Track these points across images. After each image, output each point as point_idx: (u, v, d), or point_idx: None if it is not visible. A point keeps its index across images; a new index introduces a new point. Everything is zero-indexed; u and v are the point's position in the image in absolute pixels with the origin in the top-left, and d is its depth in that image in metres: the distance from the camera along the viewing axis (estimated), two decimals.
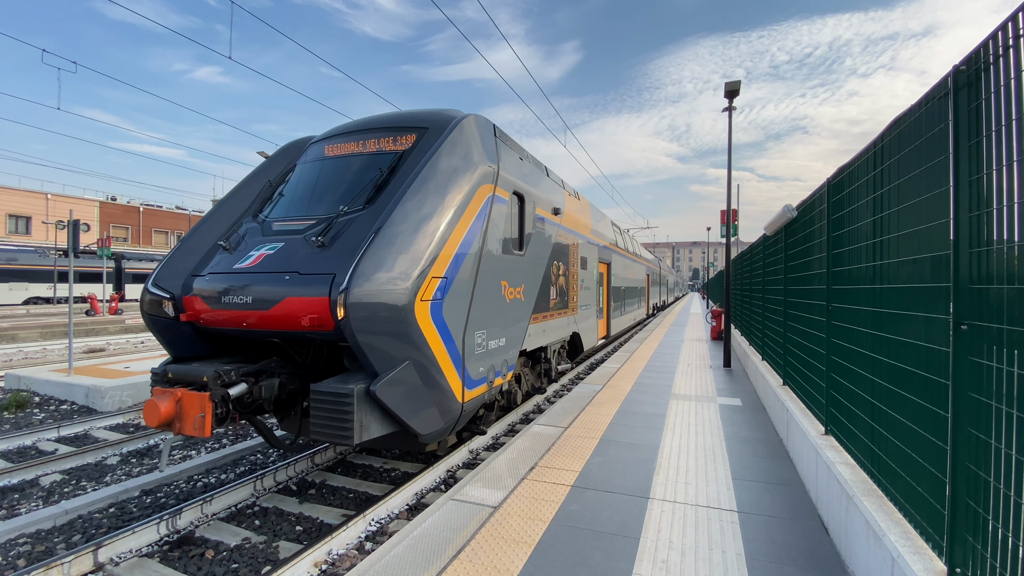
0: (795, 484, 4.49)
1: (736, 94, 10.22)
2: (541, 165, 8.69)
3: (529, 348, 7.68)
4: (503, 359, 6.54)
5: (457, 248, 5.15)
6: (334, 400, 4.28)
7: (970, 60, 2.16)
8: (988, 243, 1.98)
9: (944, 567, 2.23)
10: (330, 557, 4.22)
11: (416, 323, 4.57)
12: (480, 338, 5.79)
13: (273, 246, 5.20)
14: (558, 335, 9.43)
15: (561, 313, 9.49)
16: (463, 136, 5.73)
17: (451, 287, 5.06)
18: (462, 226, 5.26)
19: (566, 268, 9.81)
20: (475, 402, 5.73)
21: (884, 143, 3.07)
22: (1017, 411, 1.78)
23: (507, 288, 6.61)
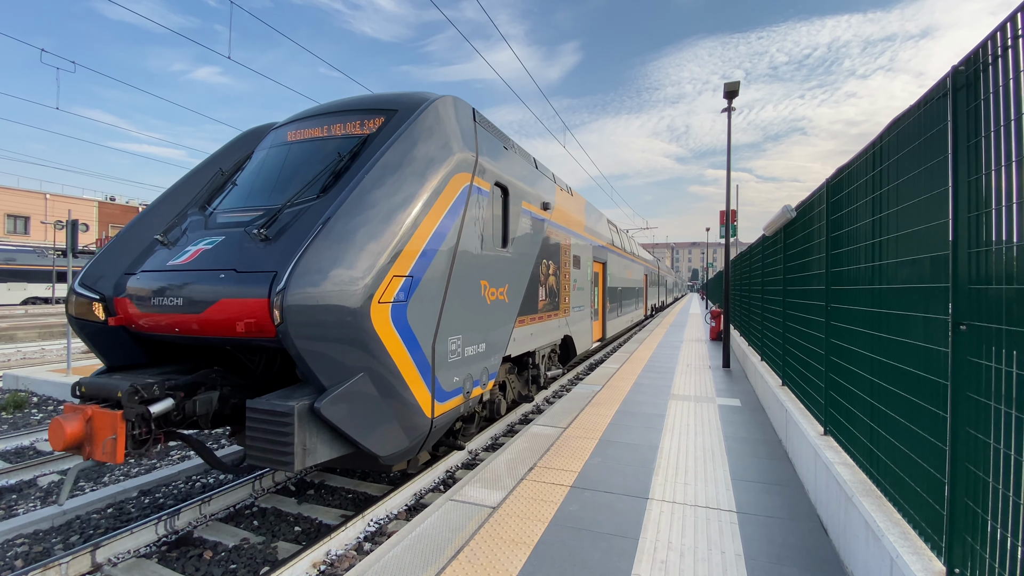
0: (794, 484, 4.49)
1: (735, 95, 10.23)
2: (529, 156, 8.18)
3: (514, 354, 7.19)
4: (482, 367, 6.03)
5: (426, 243, 4.61)
6: (271, 419, 3.70)
7: (969, 61, 2.16)
8: (987, 243, 1.99)
9: (943, 567, 2.23)
10: (329, 558, 4.22)
11: (372, 328, 4.03)
12: (454, 344, 5.25)
13: (212, 240, 4.58)
14: (548, 339, 8.95)
15: (551, 315, 9.02)
16: (435, 118, 5.16)
17: (418, 287, 4.53)
18: (432, 218, 4.71)
19: (557, 267, 9.29)
20: (448, 415, 5.22)
21: (883, 144, 3.07)
22: (1016, 411, 1.78)
23: (488, 288, 6.10)
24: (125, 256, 5.01)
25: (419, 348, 4.60)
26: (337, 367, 3.93)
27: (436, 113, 5.21)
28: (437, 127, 5.13)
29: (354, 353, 4.00)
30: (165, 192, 5.65)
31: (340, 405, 3.90)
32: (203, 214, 5.23)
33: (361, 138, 5.07)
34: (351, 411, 3.99)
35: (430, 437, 4.98)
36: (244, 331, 4.01)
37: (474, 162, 5.60)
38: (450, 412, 5.25)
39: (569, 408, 7.19)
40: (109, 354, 4.80)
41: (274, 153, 5.52)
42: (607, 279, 14.66)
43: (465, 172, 5.37)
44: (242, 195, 5.19)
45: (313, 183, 4.71)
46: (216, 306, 4.07)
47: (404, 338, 4.39)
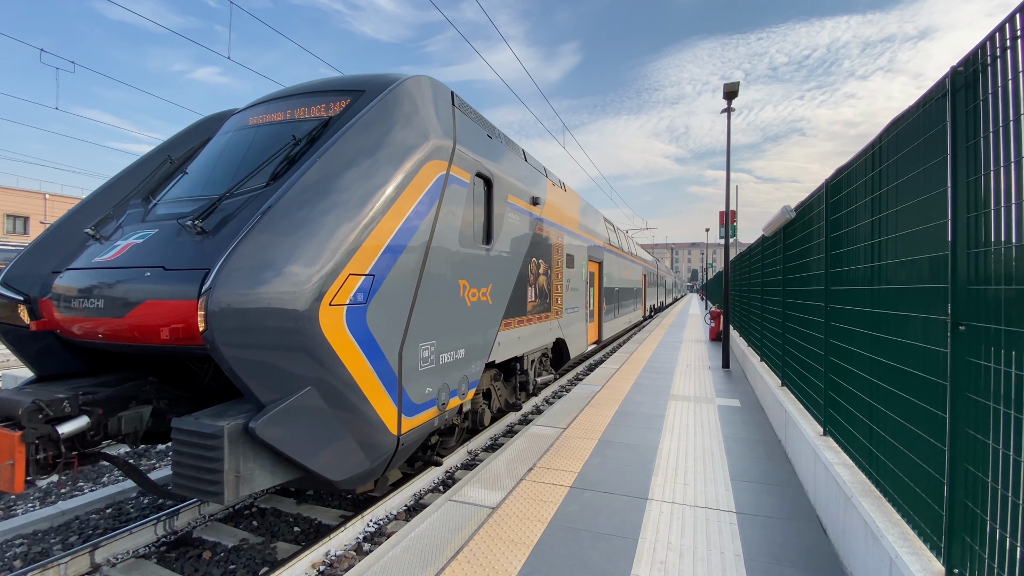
0: (794, 485, 4.50)
1: (735, 95, 10.23)
2: (517, 147, 7.70)
3: (499, 359, 6.73)
4: (461, 375, 5.50)
5: (391, 238, 4.13)
6: (197, 442, 3.22)
7: (967, 62, 2.16)
8: (986, 244, 1.99)
9: (942, 567, 2.23)
10: (328, 558, 4.21)
11: (321, 335, 3.52)
12: (427, 351, 4.75)
13: (144, 234, 4.07)
14: (538, 342, 8.46)
15: (541, 317, 8.54)
16: (404, 99, 4.66)
17: (381, 288, 4.05)
18: (399, 210, 4.22)
19: (548, 266, 8.81)
20: (420, 431, 4.72)
21: (882, 144, 3.07)
22: (1015, 412, 1.78)
23: (468, 289, 5.60)
24: (56, 253, 4.44)
25: (382, 356, 4.10)
26: (278, 380, 3.42)
27: (406, 94, 4.71)
28: (407, 109, 4.63)
29: (299, 364, 3.49)
30: (107, 182, 5.07)
31: (281, 424, 3.39)
32: (145, 206, 4.70)
33: (322, 121, 4.56)
34: (296, 431, 3.49)
35: (397, 456, 4.47)
36: (170, 338, 3.49)
37: (451, 149, 5.10)
38: (422, 427, 4.74)
39: (569, 408, 7.19)
40: (38, 362, 4.29)
41: (231, 139, 4.95)
42: (603, 279, 14.22)
43: (440, 160, 4.86)
44: (189, 185, 4.63)
45: (262, 169, 4.21)
46: (140, 309, 3.55)
47: (363, 345, 3.89)
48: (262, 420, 3.29)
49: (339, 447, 3.84)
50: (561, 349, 10.17)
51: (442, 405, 5.08)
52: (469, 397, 5.80)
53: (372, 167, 4.10)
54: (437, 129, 4.92)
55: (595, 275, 13.40)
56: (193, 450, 3.24)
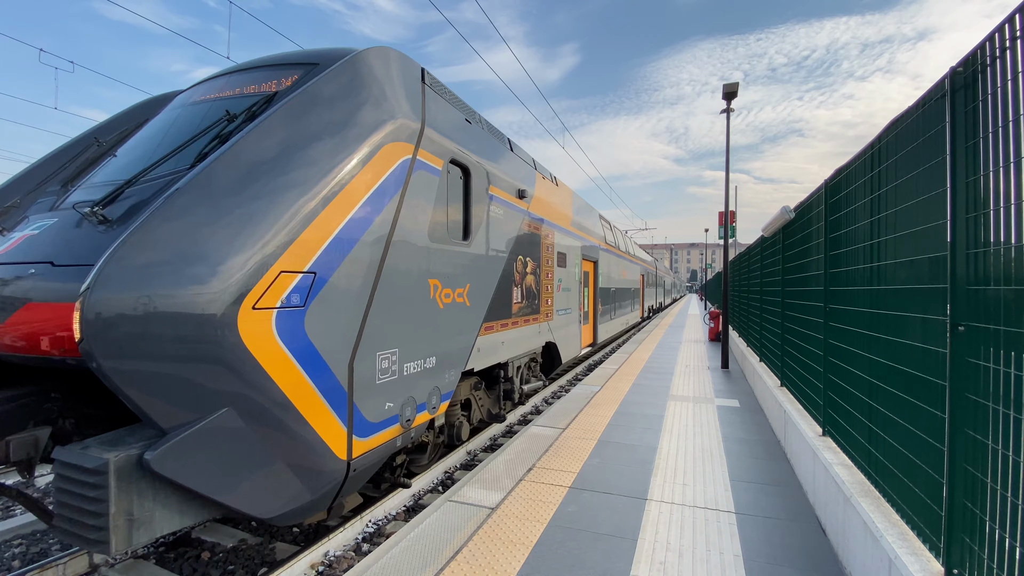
0: (793, 485, 4.50)
1: (734, 96, 10.24)
2: (502, 136, 7.22)
3: (479, 367, 6.16)
4: (432, 386, 4.93)
5: (338, 230, 3.60)
6: (77, 479, 2.65)
7: (967, 62, 2.17)
8: (985, 244, 1.99)
9: (941, 568, 2.23)
10: (327, 559, 4.21)
11: (240, 345, 2.95)
12: (387, 361, 4.19)
13: (42, 224, 3.56)
14: (525, 347, 7.87)
15: (529, 320, 7.94)
16: (359, 71, 4.14)
17: (325, 288, 3.50)
18: (349, 197, 3.69)
19: (537, 265, 8.25)
20: (378, 452, 4.15)
21: (881, 145, 3.07)
22: (1014, 412, 1.78)
23: (441, 290, 5.03)
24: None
25: (326, 369, 3.53)
26: (182, 400, 2.83)
27: (363, 66, 4.18)
28: (362, 82, 4.10)
29: (211, 380, 2.90)
30: (26, 168, 4.54)
31: (188, 454, 2.80)
32: (61, 193, 4.17)
33: (268, 96, 4.06)
34: (208, 461, 2.90)
35: (349, 483, 3.91)
36: (53, 348, 2.89)
37: (419, 132, 4.55)
38: (380, 448, 4.18)
39: (568, 409, 7.19)
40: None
41: (172, 118, 4.40)
42: (598, 279, 13.69)
43: (405, 142, 4.33)
44: (114, 169, 4.08)
45: (187, 148, 3.66)
46: (21, 313, 2.97)
47: (299, 356, 3.31)
48: (160, 451, 2.70)
49: (268, 478, 3.24)
50: (552, 353, 9.62)
51: (407, 422, 4.49)
52: (442, 410, 5.21)
53: (315, 146, 3.56)
54: (401, 107, 4.36)
55: (590, 275, 12.93)
56: (74, 487, 2.65)
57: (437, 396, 5.07)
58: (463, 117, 5.81)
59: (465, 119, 5.85)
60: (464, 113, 5.90)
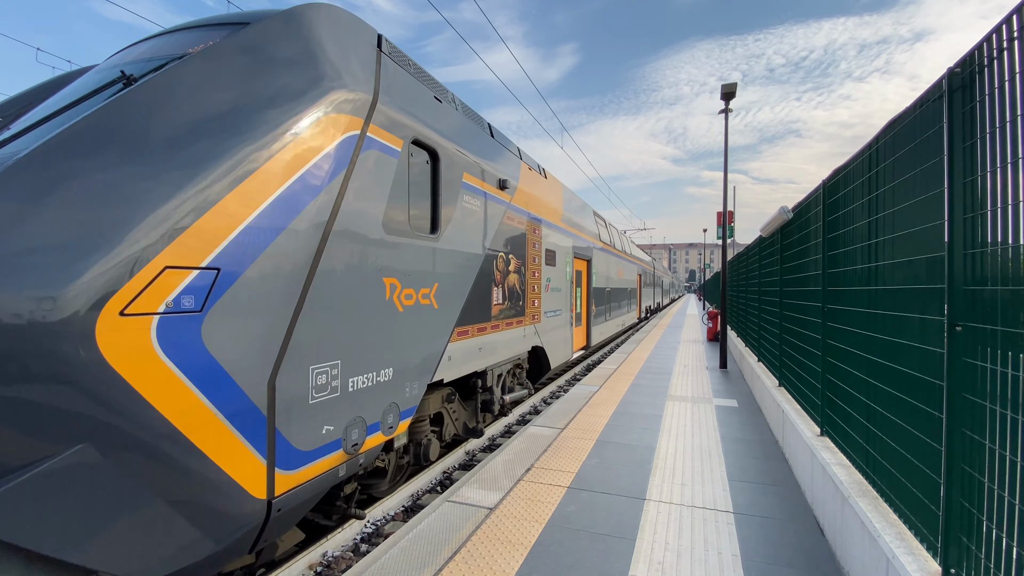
0: (791, 485, 4.50)
1: (732, 96, 10.26)
2: (481, 121, 6.65)
3: (451, 377, 5.50)
4: (388, 402, 4.29)
5: (254, 216, 2.96)
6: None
7: (964, 63, 2.17)
8: (982, 245, 2.00)
9: (939, 567, 2.24)
10: (325, 559, 4.20)
11: (102, 362, 2.33)
12: (324, 376, 3.54)
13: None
14: (508, 352, 7.20)
15: (512, 323, 7.28)
16: (291, 29, 3.59)
17: (234, 288, 2.85)
18: (269, 178, 3.06)
19: (522, 263, 7.62)
20: (312, 486, 3.48)
21: (879, 145, 3.08)
22: (1011, 412, 1.79)
23: (401, 290, 4.38)
24: None
25: (234, 389, 2.87)
26: (17, 436, 2.21)
27: (294, 23, 3.63)
28: (291, 42, 3.55)
29: (59, 408, 2.28)
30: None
31: (24, 505, 2.18)
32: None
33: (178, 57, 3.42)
34: (54, 512, 2.26)
35: (273, 525, 3.23)
36: None
37: (370, 105, 3.94)
38: (316, 481, 3.51)
39: (566, 409, 7.19)
40: None
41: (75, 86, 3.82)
42: (592, 278, 13.09)
43: (351, 116, 3.73)
44: None
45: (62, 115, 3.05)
46: None
47: (194, 374, 2.68)
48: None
49: (149, 529, 2.58)
50: (540, 358, 9.01)
51: (353, 446, 3.85)
52: (402, 429, 4.56)
53: (222, 115, 3.01)
54: (347, 75, 3.77)
55: (583, 274, 12.34)
56: None
57: (395, 413, 4.40)
58: (432, 95, 5.16)
59: (434, 97, 5.21)
60: (433, 90, 5.26)
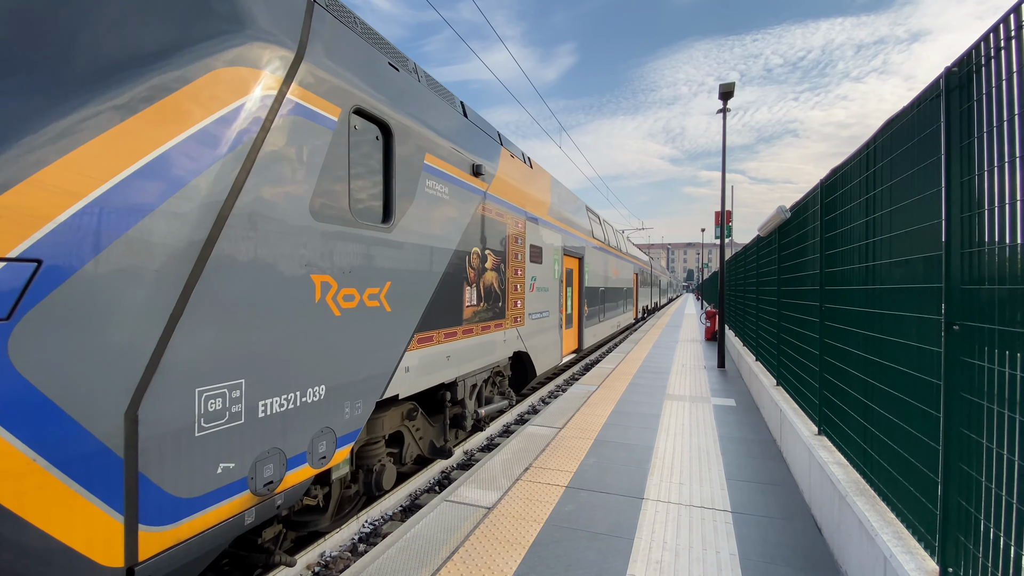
0: (788, 484, 4.51)
1: (730, 96, 10.27)
2: (452, 98, 5.94)
3: (411, 391, 4.73)
4: (320, 427, 3.55)
5: (100, 192, 2.32)
6: None
7: (962, 62, 2.17)
8: (980, 244, 2.00)
9: (936, 566, 2.24)
10: (323, 559, 4.19)
11: None
12: (220, 400, 2.85)
13: None
14: (483, 360, 6.47)
15: (490, 326, 6.57)
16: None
17: (65, 287, 2.20)
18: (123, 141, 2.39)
19: (500, 260, 6.92)
20: (200, 543, 2.78)
21: (876, 144, 3.08)
22: (1008, 411, 1.79)
23: (337, 290, 3.67)
24: None
25: (64, 423, 2.20)
26: None
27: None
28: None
29: None
30: None
31: None
32: None
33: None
34: None
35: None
36: None
37: (293, 62, 3.28)
38: (207, 535, 2.83)
39: (565, 408, 7.19)
40: None
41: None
42: (585, 277, 12.41)
43: (264, 73, 3.05)
44: None
45: None
46: None
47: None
48: None
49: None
50: (525, 364, 8.32)
51: (266, 486, 3.13)
52: (340, 457, 3.79)
53: (62, 52, 2.41)
54: (260, 23, 3.09)
55: (574, 273, 11.67)
56: None
57: (330, 440, 3.66)
58: (385, 60, 4.41)
59: (389, 63, 4.47)
60: (388, 55, 4.51)
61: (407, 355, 4.63)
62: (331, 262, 3.63)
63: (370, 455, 4.70)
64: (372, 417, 4.54)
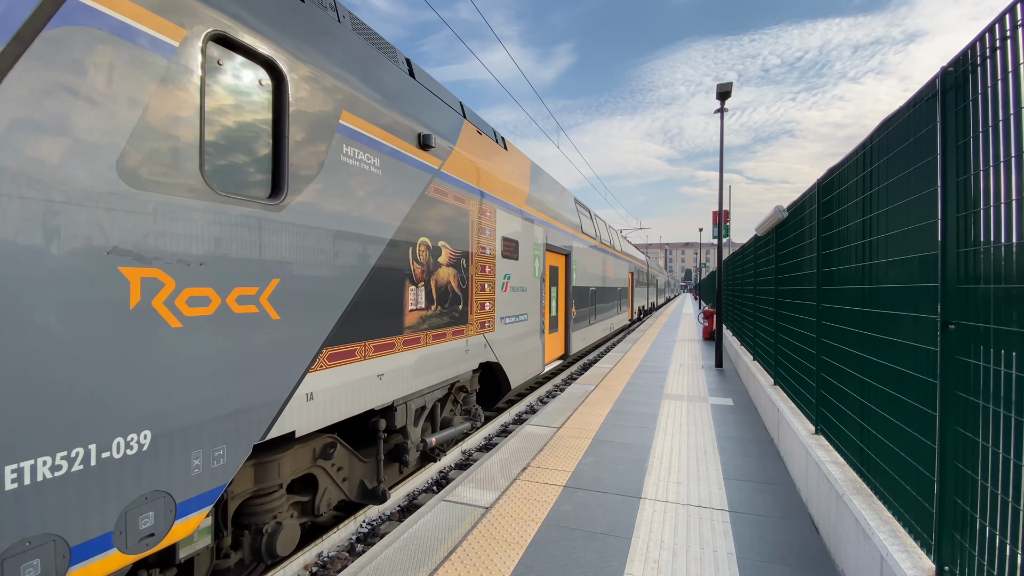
0: (786, 483, 4.52)
1: (728, 96, 10.29)
2: (393, 51, 4.99)
3: (309, 428, 3.55)
4: (136, 494, 2.47)
5: None
6: None
7: (957, 62, 2.18)
8: (975, 243, 2.00)
9: (932, 565, 2.25)
10: (320, 559, 4.19)
11: None
12: None
13: None
14: (437, 375, 5.33)
15: (446, 334, 5.47)
16: None
17: None
18: None
19: (460, 254, 5.79)
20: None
21: (873, 144, 3.09)
22: (1004, 410, 1.80)
23: (175, 291, 2.63)
24: None
25: None
26: None
27: None
28: None
29: None
30: None
31: None
32: None
33: None
34: None
35: None
36: None
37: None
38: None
39: (562, 408, 7.20)
40: None
41: None
42: (572, 276, 11.47)
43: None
44: None
45: None
46: None
47: None
48: None
49: None
50: (498, 376, 7.28)
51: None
52: (183, 532, 2.72)
53: None
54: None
55: (560, 271, 10.67)
56: None
57: (166, 508, 2.61)
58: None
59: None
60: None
61: (310, 377, 3.51)
62: (162, 249, 2.59)
63: (260, 510, 3.65)
64: (261, 461, 3.57)
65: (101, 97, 2.37)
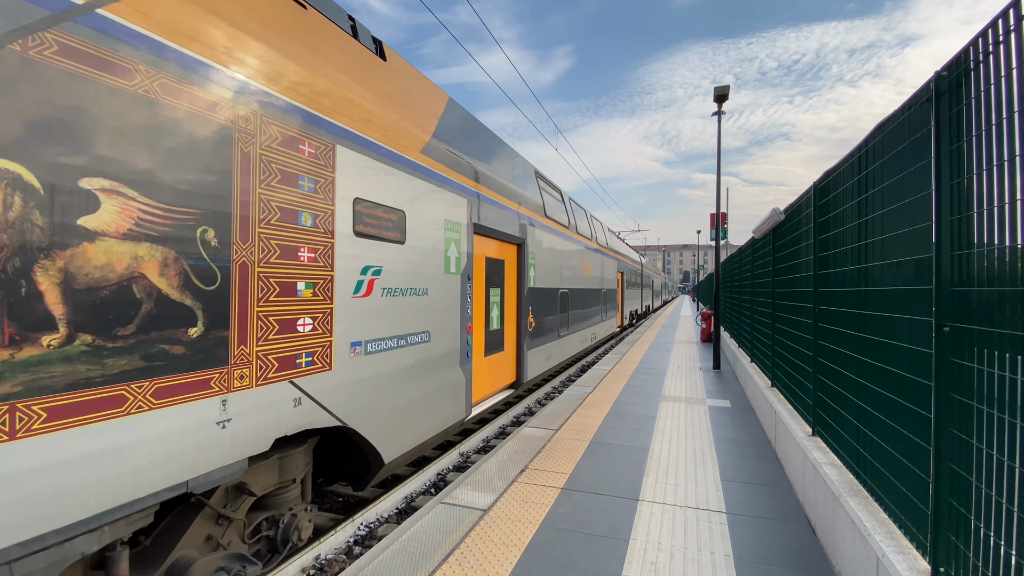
0: (783, 485, 4.53)
1: (725, 98, 10.33)
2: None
3: None
4: None
5: None
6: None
7: (951, 66, 2.20)
8: (969, 246, 2.02)
9: (928, 566, 2.26)
10: (318, 562, 4.18)
11: None
12: None
13: None
14: (114, 493, 2.49)
15: (138, 396, 2.59)
16: None
17: None
18: None
19: (217, 225, 3.01)
20: None
21: (868, 147, 3.11)
22: (998, 412, 1.81)
23: None
24: None
25: None
26: None
27: None
28: None
29: None
30: None
31: None
32: None
33: None
34: None
35: None
36: None
37: None
38: None
39: (561, 410, 7.20)
40: None
41: None
42: (529, 274, 8.70)
43: None
44: None
45: None
46: None
47: None
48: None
49: None
50: (351, 448, 4.86)
51: None
52: None
53: None
54: None
55: (507, 266, 7.98)
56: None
57: None
58: None
59: None
60: None
61: None
62: None
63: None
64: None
65: None
